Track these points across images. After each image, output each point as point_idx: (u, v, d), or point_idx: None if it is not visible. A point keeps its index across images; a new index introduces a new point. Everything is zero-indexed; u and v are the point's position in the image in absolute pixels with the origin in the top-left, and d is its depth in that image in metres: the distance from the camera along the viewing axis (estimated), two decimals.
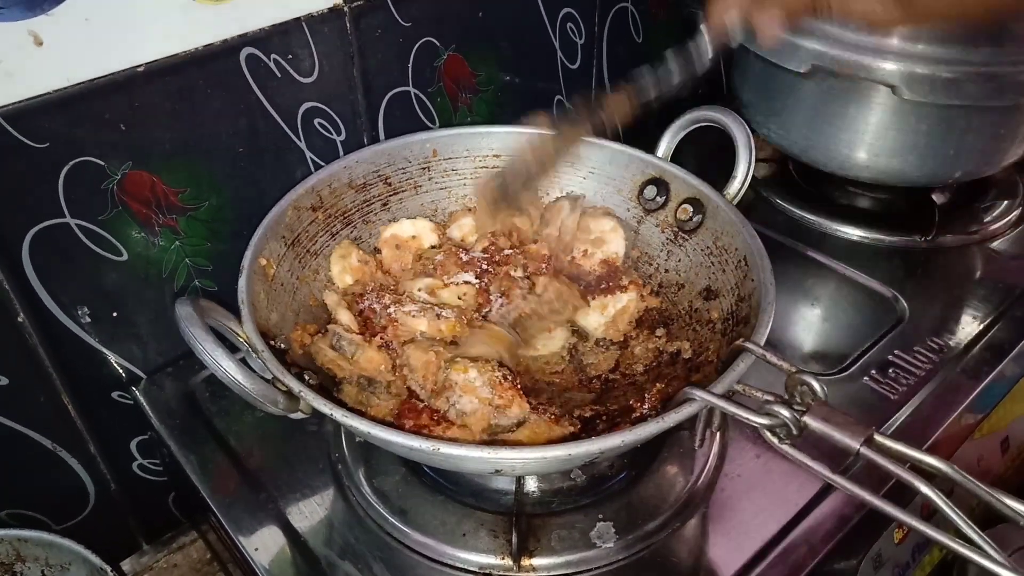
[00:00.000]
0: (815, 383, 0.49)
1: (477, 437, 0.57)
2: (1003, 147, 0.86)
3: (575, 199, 0.78)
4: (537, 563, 0.59)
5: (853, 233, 0.94)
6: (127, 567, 0.82)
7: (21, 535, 0.69)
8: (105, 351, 0.72)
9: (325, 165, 0.73)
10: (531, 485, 0.64)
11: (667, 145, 0.76)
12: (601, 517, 0.62)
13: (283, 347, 0.60)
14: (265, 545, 0.61)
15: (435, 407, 0.60)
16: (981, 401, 0.75)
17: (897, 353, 0.77)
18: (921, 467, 0.45)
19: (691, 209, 0.72)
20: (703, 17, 0.61)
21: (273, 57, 0.70)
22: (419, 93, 0.83)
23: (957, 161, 0.85)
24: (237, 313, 0.57)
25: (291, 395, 0.53)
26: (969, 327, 0.81)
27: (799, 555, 0.60)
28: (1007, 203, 0.98)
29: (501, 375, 0.59)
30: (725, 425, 0.69)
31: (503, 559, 0.59)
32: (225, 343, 0.52)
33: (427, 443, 0.48)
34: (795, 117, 0.90)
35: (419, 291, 0.70)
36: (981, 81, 0.76)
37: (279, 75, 0.71)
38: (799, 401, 0.49)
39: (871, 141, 0.85)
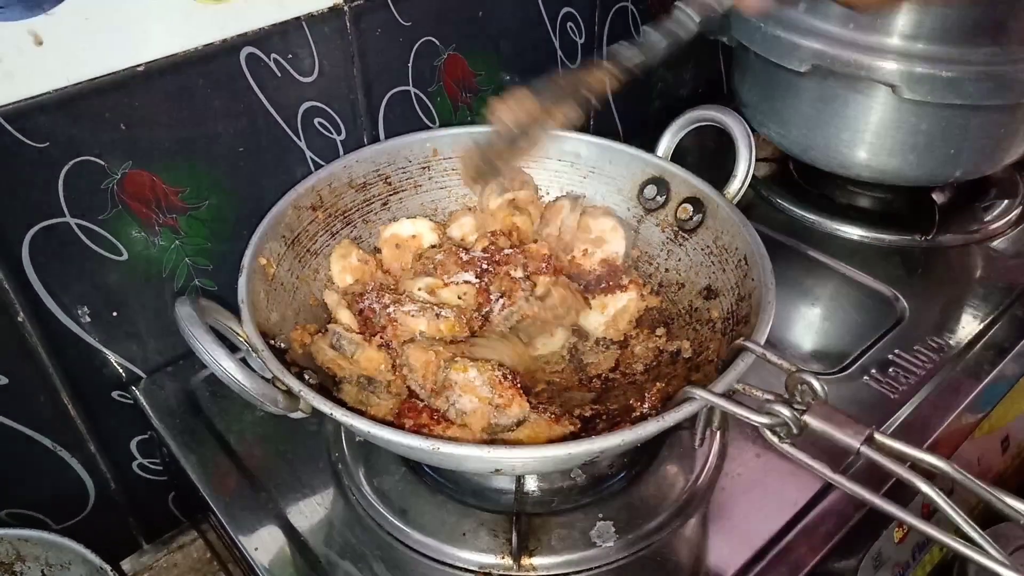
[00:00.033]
0: (815, 382, 0.49)
1: (477, 436, 0.57)
2: (1003, 146, 0.86)
3: (575, 198, 0.78)
4: (537, 562, 0.59)
5: (853, 232, 0.94)
6: (127, 566, 0.82)
7: (21, 534, 0.69)
8: (105, 350, 0.72)
9: (325, 164, 0.73)
10: (531, 484, 0.64)
11: (667, 144, 0.76)
12: (601, 516, 0.62)
13: (283, 346, 0.60)
14: (265, 544, 0.62)
15: (435, 406, 0.60)
16: (981, 400, 0.75)
17: (897, 352, 0.77)
18: (921, 466, 0.45)
19: (691, 208, 0.72)
20: None
21: (273, 56, 0.70)
22: (419, 93, 0.83)
23: (957, 160, 0.85)
24: (237, 312, 0.57)
25: (291, 394, 0.53)
26: (969, 326, 0.81)
27: (799, 554, 0.60)
28: (1007, 202, 0.98)
29: (501, 374, 0.59)
30: (725, 424, 0.69)
31: (503, 558, 0.59)
32: (225, 342, 0.52)
33: (427, 442, 0.48)
34: (795, 116, 0.90)
35: (419, 291, 0.70)
36: (981, 80, 0.76)
37: (279, 74, 0.71)
38: (799, 400, 0.49)
39: (871, 140, 0.85)
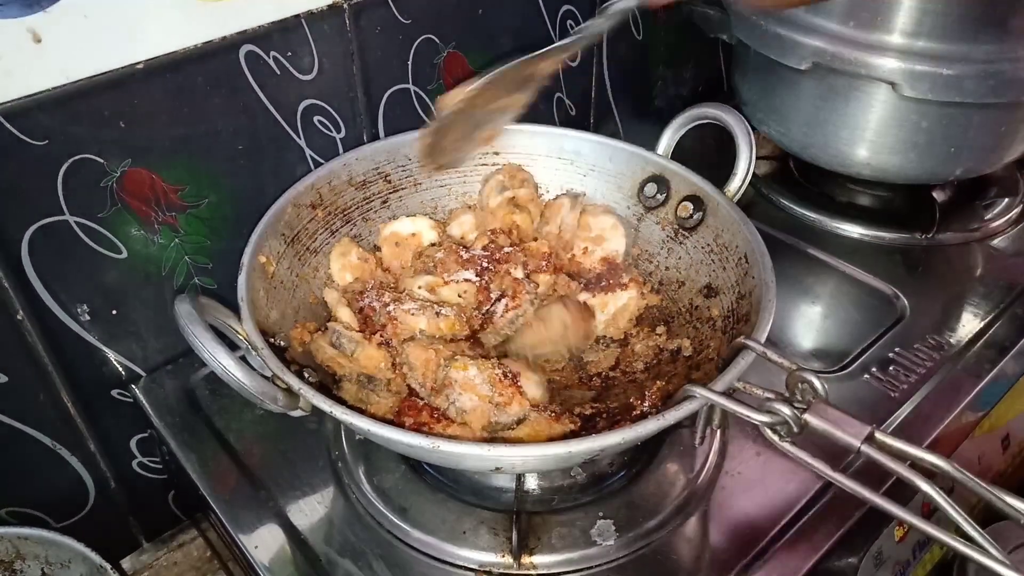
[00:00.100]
0: (816, 381, 0.49)
1: (477, 435, 0.57)
2: (1004, 144, 0.86)
3: (575, 197, 0.78)
4: (537, 561, 0.59)
5: (854, 230, 0.94)
6: (127, 565, 0.82)
7: (21, 533, 0.69)
8: (105, 349, 0.71)
9: (325, 162, 0.73)
10: (531, 483, 0.64)
11: (667, 142, 0.76)
12: (601, 515, 0.62)
13: (283, 345, 0.60)
14: (265, 543, 0.61)
15: (435, 405, 0.60)
16: (982, 399, 0.75)
17: (898, 351, 0.77)
18: (922, 465, 0.45)
19: (691, 206, 0.72)
20: None
21: (272, 54, 0.69)
22: (419, 90, 0.83)
23: (958, 158, 0.85)
24: (237, 311, 0.57)
25: (291, 393, 0.53)
26: (970, 324, 0.81)
27: (799, 553, 0.60)
28: (1008, 200, 0.98)
29: (501, 372, 0.59)
30: (725, 423, 0.69)
31: (503, 557, 0.59)
32: (225, 341, 0.52)
33: (427, 440, 0.48)
34: (795, 114, 0.90)
35: (419, 289, 0.70)
36: (982, 78, 0.76)
37: (278, 72, 0.71)
38: (800, 399, 0.49)
39: (872, 138, 0.85)
